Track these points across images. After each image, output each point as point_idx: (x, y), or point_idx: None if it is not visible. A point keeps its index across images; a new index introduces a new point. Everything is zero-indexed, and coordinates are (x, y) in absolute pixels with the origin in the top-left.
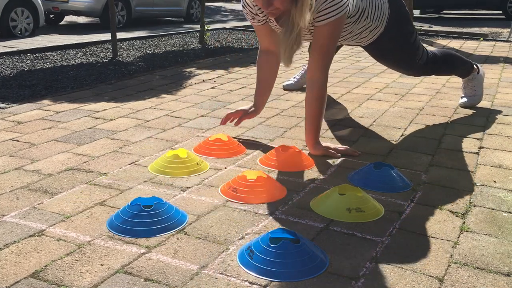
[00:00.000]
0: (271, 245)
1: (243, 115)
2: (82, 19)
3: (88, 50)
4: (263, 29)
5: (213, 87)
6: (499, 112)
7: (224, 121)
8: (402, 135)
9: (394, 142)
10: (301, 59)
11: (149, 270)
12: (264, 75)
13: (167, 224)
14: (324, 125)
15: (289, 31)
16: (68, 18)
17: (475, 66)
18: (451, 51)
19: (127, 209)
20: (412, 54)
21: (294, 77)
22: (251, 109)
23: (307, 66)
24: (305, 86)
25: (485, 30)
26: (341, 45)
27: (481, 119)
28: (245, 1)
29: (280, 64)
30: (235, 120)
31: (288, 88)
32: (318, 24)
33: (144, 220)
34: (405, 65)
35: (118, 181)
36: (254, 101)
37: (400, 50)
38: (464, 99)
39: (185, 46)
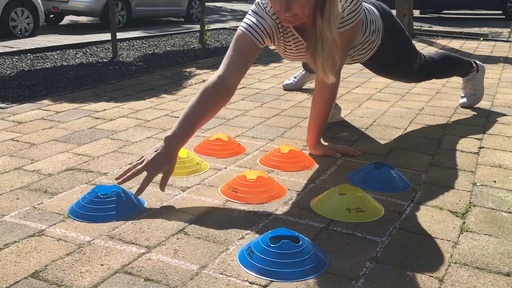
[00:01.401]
0: (271, 245)
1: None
2: (82, 19)
3: (88, 50)
4: (255, 52)
5: None
6: (499, 112)
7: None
8: (402, 135)
9: (394, 142)
10: None
11: (149, 270)
12: (205, 118)
13: (124, 210)
14: None
15: (320, 45)
16: (68, 17)
17: (474, 65)
18: (448, 53)
19: (86, 196)
20: (411, 63)
21: (295, 77)
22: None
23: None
24: (304, 87)
25: (485, 30)
26: None
27: (481, 119)
28: (268, 17)
29: (278, 65)
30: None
31: (288, 88)
32: (338, 31)
33: (101, 206)
34: (405, 75)
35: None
36: (172, 143)
37: (398, 61)
38: (464, 99)
39: (185, 46)
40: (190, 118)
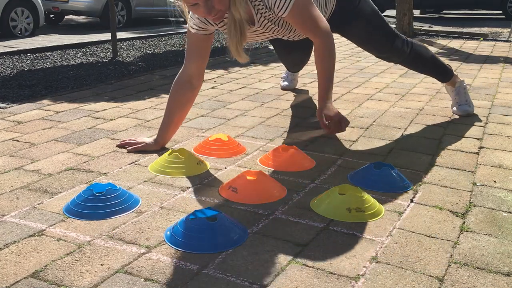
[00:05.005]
0: (190, 218)
1: (142, 146)
2: (82, 18)
3: (88, 50)
4: (206, 42)
5: (213, 87)
6: (499, 112)
7: (120, 144)
8: (402, 135)
9: (394, 142)
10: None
11: (149, 270)
12: (179, 111)
13: (118, 208)
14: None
15: (232, 26)
16: (69, 17)
17: (454, 73)
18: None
19: (81, 194)
20: (384, 28)
21: (287, 77)
22: (151, 143)
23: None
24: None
25: (485, 30)
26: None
27: (481, 119)
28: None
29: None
30: (130, 148)
31: (285, 89)
32: (284, 16)
33: (95, 204)
34: (380, 41)
35: (118, 181)
36: (159, 134)
37: (365, 21)
38: (461, 107)
39: (185, 46)
40: (173, 116)
